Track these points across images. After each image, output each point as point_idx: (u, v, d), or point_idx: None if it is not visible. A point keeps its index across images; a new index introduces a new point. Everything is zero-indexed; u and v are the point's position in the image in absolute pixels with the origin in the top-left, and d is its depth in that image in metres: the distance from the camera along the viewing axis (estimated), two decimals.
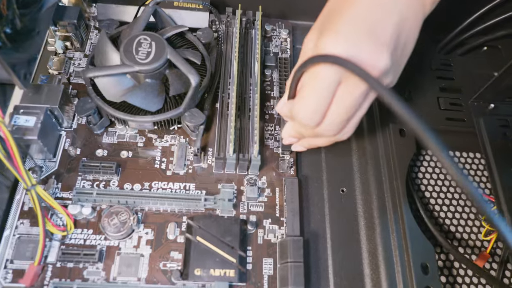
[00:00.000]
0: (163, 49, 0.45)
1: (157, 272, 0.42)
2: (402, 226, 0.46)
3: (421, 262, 0.44)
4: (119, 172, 0.46)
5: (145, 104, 0.44)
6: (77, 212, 0.43)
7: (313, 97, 0.37)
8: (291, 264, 0.41)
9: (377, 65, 0.35)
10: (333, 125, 0.39)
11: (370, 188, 0.49)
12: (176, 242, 0.44)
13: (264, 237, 0.45)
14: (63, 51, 0.53)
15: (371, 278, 0.44)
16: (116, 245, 0.43)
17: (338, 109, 0.38)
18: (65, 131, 0.48)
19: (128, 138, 0.49)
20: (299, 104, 0.39)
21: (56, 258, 0.41)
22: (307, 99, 0.38)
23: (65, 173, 0.46)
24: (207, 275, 0.41)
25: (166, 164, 0.48)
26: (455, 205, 0.52)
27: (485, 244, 0.50)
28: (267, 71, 0.54)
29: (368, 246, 0.46)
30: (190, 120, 0.45)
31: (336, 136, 0.42)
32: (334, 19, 0.37)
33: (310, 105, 0.38)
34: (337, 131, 0.40)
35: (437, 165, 0.54)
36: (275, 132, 0.51)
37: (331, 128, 0.39)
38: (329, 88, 0.36)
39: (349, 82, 0.36)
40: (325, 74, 0.36)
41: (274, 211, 0.46)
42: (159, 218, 0.45)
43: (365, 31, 0.35)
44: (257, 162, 0.46)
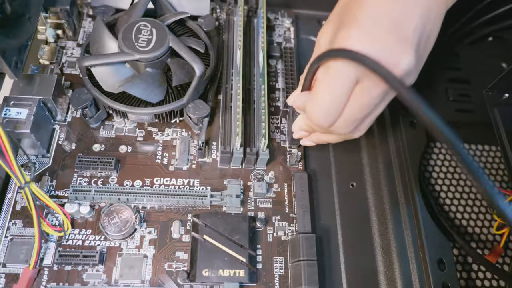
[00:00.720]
0: (164, 36, 0.42)
1: (162, 273, 0.39)
2: (416, 221, 0.44)
3: (437, 258, 0.42)
4: (118, 168, 0.44)
5: (146, 95, 0.42)
6: (75, 211, 0.40)
7: (328, 95, 0.35)
8: (304, 263, 0.39)
9: (400, 63, 0.32)
10: (347, 123, 0.37)
11: (381, 182, 0.47)
12: (181, 241, 0.41)
13: (274, 235, 0.43)
14: (55, 40, 0.49)
15: (385, 275, 0.43)
16: (117, 246, 0.40)
17: (354, 109, 0.35)
18: (59, 124, 0.45)
19: (126, 131, 0.46)
20: (313, 101, 0.36)
21: (52, 260, 0.38)
22: (322, 96, 0.35)
23: (60, 169, 0.43)
24: (216, 276, 0.39)
25: (168, 159, 0.45)
26: (466, 199, 0.50)
27: (498, 238, 0.49)
28: (271, 61, 0.52)
29: (381, 242, 0.44)
30: (194, 112, 0.43)
31: (349, 134, 0.39)
32: (352, 12, 0.34)
33: (325, 103, 0.35)
34: (350, 130, 0.38)
35: (446, 157, 0.52)
36: (281, 125, 0.49)
37: (344, 126, 0.37)
38: (346, 87, 0.34)
39: (368, 81, 0.33)
40: (342, 71, 0.33)
41: (283, 207, 0.44)
42: (162, 216, 0.42)
43: (387, 25, 0.32)
44: (266, 156, 0.43)
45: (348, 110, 0.35)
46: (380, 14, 0.32)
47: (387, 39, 0.32)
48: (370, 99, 0.34)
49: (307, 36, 0.57)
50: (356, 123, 0.37)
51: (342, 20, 0.35)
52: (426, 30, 0.34)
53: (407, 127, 0.49)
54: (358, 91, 0.34)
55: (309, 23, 0.57)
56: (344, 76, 0.33)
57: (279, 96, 0.50)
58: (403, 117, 0.49)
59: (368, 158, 0.49)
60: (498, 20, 0.57)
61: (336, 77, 0.34)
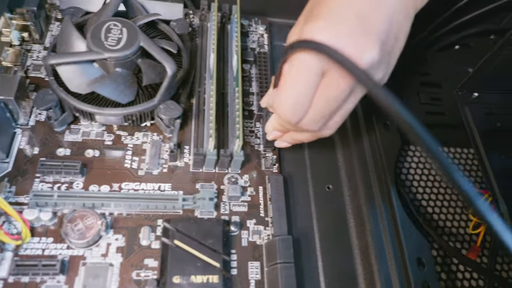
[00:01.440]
0: (135, 36, 0.41)
1: (130, 283, 0.37)
2: (393, 221, 0.43)
3: (416, 257, 0.41)
4: (84, 173, 0.41)
5: (116, 95, 0.40)
6: (34, 218, 0.37)
7: (294, 90, 0.34)
8: (280, 266, 0.37)
9: (363, 56, 0.31)
10: (315, 119, 0.36)
11: (357, 184, 0.47)
12: (150, 248, 0.39)
13: (249, 239, 0.41)
14: (20, 43, 0.48)
15: (365, 278, 0.41)
16: (80, 255, 0.37)
17: (320, 103, 0.35)
18: (21, 128, 0.43)
19: (94, 135, 0.44)
20: (280, 97, 0.36)
21: (8, 271, 0.35)
22: (287, 91, 0.35)
23: (20, 175, 0.40)
24: (188, 283, 0.36)
25: (138, 163, 0.43)
26: (441, 200, 0.50)
27: (474, 238, 0.49)
28: (245, 66, 0.51)
29: (359, 244, 0.43)
30: (165, 113, 0.41)
31: (320, 131, 0.39)
32: (320, 7, 0.34)
33: (291, 99, 0.35)
34: (319, 126, 0.37)
35: (421, 160, 0.53)
36: (256, 128, 0.48)
37: (312, 122, 0.36)
38: (311, 80, 0.33)
39: (334, 74, 0.33)
40: (306, 65, 0.33)
41: (258, 211, 0.42)
42: (131, 222, 0.40)
43: (353, 19, 0.32)
44: (240, 157, 0.42)
45: (315, 105, 0.35)
46: (346, 9, 0.33)
47: (351, 32, 0.32)
48: (337, 92, 0.34)
49: (281, 43, 0.57)
50: (325, 119, 0.36)
51: (310, 14, 0.35)
52: (393, 29, 0.34)
53: (382, 129, 0.49)
54: (324, 85, 0.34)
55: (283, 30, 0.58)
56: (308, 70, 0.33)
57: (253, 100, 0.50)
58: (377, 119, 0.49)
59: (344, 161, 0.48)
60: (463, 28, 0.59)
61: (301, 71, 0.33)
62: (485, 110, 0.44)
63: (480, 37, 0.61)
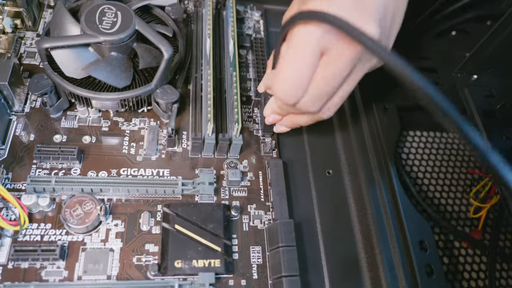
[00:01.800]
0: (130, 19, 0.40)
1: (130, 268, 0.36)
2: (395, 205, 0.43)
3: (418, 239, 0.41)
4: (81, 159, 0.41)
5: (111, 79, 0.39)
6: (32, 203, 0.36)
7: (292, 70, 0.34)
8: (283, 249, 0.37)
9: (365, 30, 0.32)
10: (314, 99, 0.36)
11: (357, 168, 0.46)
12: (151, 233, 0.38)
13: (250, 224, 0.40)
14: (13, 30, 0.47)
15: (367, 261, 0.41)
16: (80, 240, 0.37)
17: (319, 82, 0.34)
18: (16, 115, 0.42)
19: (90, 122, 0.43)
20: (278, 77, 0.35)
21: (7, 258, 0.35)
22: (285, 71, 0.34)
23: (16, 162, 0.39)
24: (190, 267, 0.36)
25: (135, 149, 0.42)
26: (441, 185, 0.50)
27: (475, 222, 0.49)
28: (242, 51, 0.51)
29: (360, 228, 0.43)
30: (162, 97, 0.41)
31: (319, 113, 0.38)
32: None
33: (289, 78, 0.34)
34: (318, 107, 0.37)
35: (420, 145, 0.53)
36: (254, 114, 0.47)
37: (311, 102, 0.36)
38: (310, 59, 0.33)
39: (333, 52, 0.33)
40: (305, 43, 0.32)
41: (258, 196, 0.42)
42: (130, 208, 0.39)
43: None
44: (239, 142, 0.42)
45: (314, 84, 0.34)
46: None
47: (351, 7, 0.31)
48: (336, 71, 0.34)
49: (277, 29, 0.56)
50: (324, 99, 0.36)
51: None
52: (389, 8, 0.34)
53: (381, 113, 0.48)
54: (323, 64, 0.33)
55: (278, 17, 0.57)
56: (307, 48, 0.33)
57: (250, 86, 0.49)
58: (376, 103, 0.49)
59: (343, 146, 0.48)
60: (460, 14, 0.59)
61: (299, 50, 0.33)
62: (484, 92, 0.44)
63: (476, 22, 0.61)
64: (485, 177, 0.49)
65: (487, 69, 0.45)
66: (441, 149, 0.53)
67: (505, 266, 0.46)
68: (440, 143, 0.53)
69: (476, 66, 0.45)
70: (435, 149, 0.53)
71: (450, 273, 0.45)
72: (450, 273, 0.45)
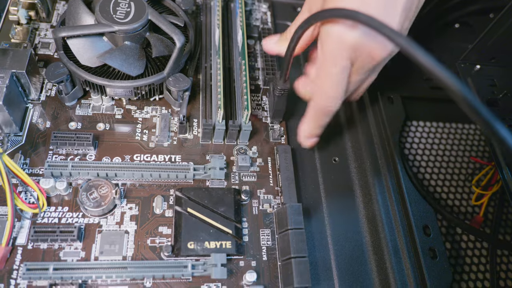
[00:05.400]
0: (143, 9, 0.41)
1: (145, 249, 0.38)
2: (399, 190, 0.44)
3: (422, 224, 0.42)
4: (96, 145, 0.42)
5: (125, 67, 0.41)
6: (50, 187, 0.38)
7: (332, 85, 0.37)
8: (292, 232, 0.38)
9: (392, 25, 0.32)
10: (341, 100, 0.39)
11: (363, 156, 0.47)
12: (164, 216, 0.40)
13: (260, 208, 0.42)
14: (27, 22, 0.48)
15: (372, 245, 0.42)
16: (96, 223, 0.38)
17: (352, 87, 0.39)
18: (32, 103, 0.43)
19: (104, 110, 0.45)
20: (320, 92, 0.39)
21: (27, 239, 0.36)
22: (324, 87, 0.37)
23: (33, 147, 0.41)
24: (202, 248, 0.37)
25: (148, 136, 0.44)
26: (444, 173, 0.51)
27: (476, 210, 0.50)
28: (250, 41, 0.52)
29: (366, 213, 0.44)
30: (174, 85, 0.42)
31: None
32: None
33: (331, 93, 0.38)
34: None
35: (423, 135, 0.54)
36: (262, 102, 0.49)
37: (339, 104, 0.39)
38: (344, 72, 0.36)
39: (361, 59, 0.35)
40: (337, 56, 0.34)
41: (267, 181, 0.43)
42: (143, 193, 0.40)
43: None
44: (249, 128, 0.43)
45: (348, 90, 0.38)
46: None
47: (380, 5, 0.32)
48: (364, 74, 0.37)
49: (284, 21, 0.57)
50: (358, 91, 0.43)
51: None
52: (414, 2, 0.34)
53: (386, 102, 0.50)
54: (353, 72, 0.36)
55: (285, 9, 0.58)
56: (339, 62, 0.35)
57: (258, 75, 0.50)
58: (381, 93, 0.50)
59: (349, 134, 0.49)
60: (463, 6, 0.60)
61: (333, 64, 0.35)
62: (487, 81, 0.45)
63: (479, 15, 0.62)
64: (487, 165, 0.50)
65: (489, 60, 0.47)
66: (444, 139, 0.54)
67: (505, 252, 0.48)
68: (443, 133, 0.54)
69: (479, 56, 0.46)
70: (438, 139, 0.54)
71: (453, 257, 0.46)
72: (452, 258, 0.46)
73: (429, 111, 0.54)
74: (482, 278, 0.46)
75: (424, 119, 0.54)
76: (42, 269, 0.34)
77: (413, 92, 0.52)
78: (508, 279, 0.46)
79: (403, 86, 0.52)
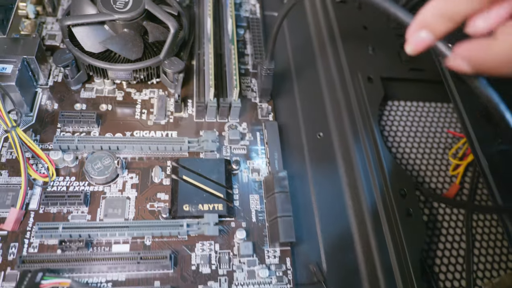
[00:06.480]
0: (140, 0, 0.46)
1: (145, 213, 0.42)
2: (378, 159, 0.48)
3: (399, 188, 0.46)
4: (100, 124, 0.46)
5: (125, 52, 0.45)
6: (59, 158, 0.42)
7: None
8: (278, 194, 0.42)
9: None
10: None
11: (345, 131, 0.51)
12: (162, 184, 0.44)
13: (249, 176, 0.46)
14: (35, 16, 0.53)
15: (354, 209, 0.46)
16: (100, 190, 0.42)
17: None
18: (41, 88, 0.48)
19: (106, 93, 0.49)
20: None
21: (38, 204, 0.40)
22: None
23: (43, 126, 0.45)
24: (196, 210, 0.41)
25: (146, 115, 0.48)
26: (423, 148, 0.55)
27: (454, 180, 0.54)
28: (240, 30, 0.56)
29: (348, 180, 0.48)
30: (169, 67, 0.46)
31: None
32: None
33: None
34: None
35: (404, 113, 0.58)
36: (252, 84, 0.53)
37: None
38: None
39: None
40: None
41: (256, 153, 0.47)
42: (143, 164, 0.45)
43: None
44: (238, 105, 0.47)
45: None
46: None
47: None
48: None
49: (272, 13, 0.62)
50: None
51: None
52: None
53: (366, 81, 0.54)
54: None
55: (273, 1, 0.63)
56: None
57: (248, 60, 0.55)
58: (362, 74, 0.54)
59: (333, 111, 0.53)
60: None
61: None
62: None
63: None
64: (462, 137, 0.54)
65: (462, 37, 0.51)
66: (423, 117, 0.58)
67: (481, 217, 0.51)
68: (422, 111, 0.58)
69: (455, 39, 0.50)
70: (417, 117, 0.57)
71: (431, 222, 0.50)
72: (430, 222, 0.50)
73: (407, 91, 0.58)
74: (458, 240, 0.49)
75: (402, 98, 0.58)
76: (53, 228, 0.38)
77: (392, 73, 0.56)
78: (484, 240, 0.50)
79: (383, 67, 0.56)
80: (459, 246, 0.49)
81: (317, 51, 0.58)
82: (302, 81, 0.55)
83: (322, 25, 0.61)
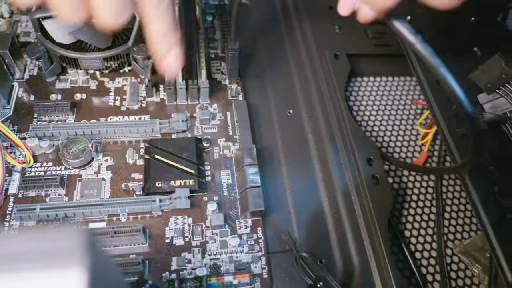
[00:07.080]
0: None
1: (120, 192, 0.44)
2: (346, 131, 0.50)
3: (366, 156, 0.48)
4: (75, 112, 0.48)
5: (95, 41, 0.47)
6: (35, 145, 0.44)
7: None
8: (247, 167, 0.44)
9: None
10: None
11: (314, 106, 0.53)
12: (136, 165, 0.45)
13: (220, 153, 0.47)
14: (10, 15, 0.55)
15: (324, 180, 0.48)
16: (76, 173, 0.44)
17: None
18: (17, 82, 0.50)
19: (80, 83, 0.51)
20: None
21: (17, 188, 0.42)
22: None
23: (20, 117, 0.47)
24: (168, 186, 0.43)
25: (120, 101, 0.50)
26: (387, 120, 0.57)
27: (423, 148, 0.55)
28: (208, 17, 0.58)
29: (318, 154, 0.50)
30: (138, 53, 0.48)
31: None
32: None
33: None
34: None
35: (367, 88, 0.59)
36: (221, 67, 0.55)
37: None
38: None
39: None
40: None
41: (227, 131, 0.49)
42: (117, 147, 0.46)
43: None
44: (206, 85, 0.49)
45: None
46: None
47: None
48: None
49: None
50: None
51: None
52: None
53: (332, 58, 0.55)
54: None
55: None
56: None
57: (218, 45, 0.57)
58: (328, 50, 0.56)
59: (301, 88, 0.55)
60: None
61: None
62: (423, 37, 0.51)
63: None
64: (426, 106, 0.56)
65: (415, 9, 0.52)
66: (390, 90, 0.59)
67: (451, 182, 0.53)
68: (391, 85, 0.60)
69: (404, 6, 0.52)
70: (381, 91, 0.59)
71: (401, 189, 0.51)
72: (401, 189, 0.51)
73: (375, 67, 0.60)
74: (429, 205, 0.51)
75: (370, 74, 0.60)
76: (30, 209, 0.40)
77: (358, 50, 0.58)
78: (454, 204, 0.51)
79: (349, 45, 0.58)
80: (430, 211, 0.50)
81: (284, 31, 0.60)
82: (271, 61, 0.57)
83: (290, 5, 0.62)
